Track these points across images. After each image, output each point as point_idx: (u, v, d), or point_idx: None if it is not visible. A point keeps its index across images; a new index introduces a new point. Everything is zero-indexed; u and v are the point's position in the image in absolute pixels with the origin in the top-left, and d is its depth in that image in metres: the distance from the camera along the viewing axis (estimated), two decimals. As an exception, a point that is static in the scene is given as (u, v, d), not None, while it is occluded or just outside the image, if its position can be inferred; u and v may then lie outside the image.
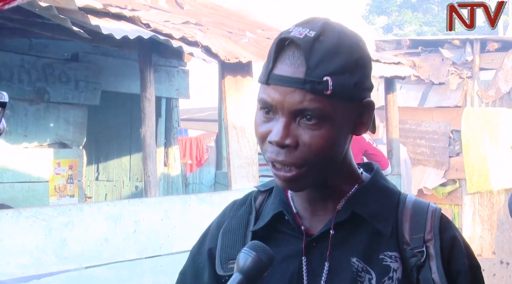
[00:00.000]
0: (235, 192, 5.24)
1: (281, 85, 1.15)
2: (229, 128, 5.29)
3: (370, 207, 1.23)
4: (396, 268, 1.18)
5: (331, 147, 1.17)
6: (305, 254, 1.23)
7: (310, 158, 1.16)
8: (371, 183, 1.27)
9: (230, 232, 1.32)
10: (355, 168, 1.28)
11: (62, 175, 6.40)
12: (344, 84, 1.15)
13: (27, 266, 3.99)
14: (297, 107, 1.14)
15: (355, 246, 1.21)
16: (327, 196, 1.25)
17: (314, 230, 1.24)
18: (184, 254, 5.31)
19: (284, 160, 1.16)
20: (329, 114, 1.15)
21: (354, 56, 1.17)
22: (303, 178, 1.18)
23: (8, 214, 3.97)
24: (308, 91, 1.13)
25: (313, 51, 1.14)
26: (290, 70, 1.15)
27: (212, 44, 4.95)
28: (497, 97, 9.70)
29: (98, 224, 4.36)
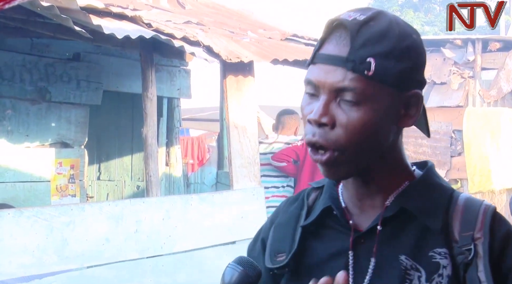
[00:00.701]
0: (236, 192, 5.24)
1: (325, 64, 1.15)
2: (231, 128, 5.29)
3: (420, 203, 1.20)
4: (446, 265, 1.16)
5: (369, 131, 1.15)
6: (353, 250, 1.21)
7: (344, 140, 1.14)
8: (422, 180, 1.24)
9: (281, 226, 1.33)
10: (406, 164, 1.26)
11: (63, 175, 6.41)
12: (388, 68, 1.14)
13: (29, 266, 3.99)
14: (337, 86, 1.14)
15: (404, 242, 1.19)
16: (375, 192, 1.23)
17: (363, 226, 1.23)
18: (186, 254, 5.31)
19: (317, 140, 1.16)
20: (369, 96, 1.13)
21: (402, 44, 1.15)
22: (338, 163, 1.17)
23: (9, 214, 3.98)
24: (349, 70, 1.13)
25: (360, 33, 1.13)
26: (335, 50, 1.15)
27: (214, 44, 4.95)
28: (498, 97, 9.70)
29: (99, 223, 4.37)
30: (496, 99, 9.72)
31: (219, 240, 5.05)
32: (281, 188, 6.00)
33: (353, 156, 1.16)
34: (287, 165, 5.86)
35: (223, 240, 5.08)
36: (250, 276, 1.16)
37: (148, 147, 4.91)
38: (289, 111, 6.29)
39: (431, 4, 23.48)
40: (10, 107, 5.98)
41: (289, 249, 1.28)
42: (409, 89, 1.17)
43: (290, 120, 6.16)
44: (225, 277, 1.16)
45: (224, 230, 5.07)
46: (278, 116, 6.25)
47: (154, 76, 5.00)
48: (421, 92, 1.19)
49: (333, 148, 1.15)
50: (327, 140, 1.15)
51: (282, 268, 1.27)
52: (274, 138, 6.10)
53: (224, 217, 5.07)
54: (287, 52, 5.51)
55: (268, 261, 1.29)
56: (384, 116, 1.16)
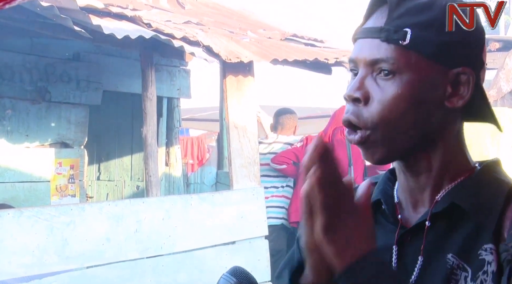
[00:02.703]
0: (236, 192, 5.24)
1: (362, 37, 1.10)
2: (231, 128, 5.29)
3: (473, 199, 1.10)
4: (491, 261, 1.06)
5: (404, 106, 1.06)
6: (398, 246, 1.14)
7: (377, 117, 1.06)
8: (479, 175, 1.14)
9: None
10: (466, 158, 1.17)
11: (63, 175, 6.41)
12: (428, 39, 1.06)
13: (29, 266, 3.99)
14: (371, 58, 1.07)
15: (453, 240, 1.09)
16: (426, 185, 1.14)
17: (413, 221, 1.15)
18: (186, 254, 5.31)
19: (349, 117, 1.08)
20: (405, 68, 1.06)
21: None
22: (372, 144, 1.08)
23: (9, 214, 3.98)
24: (383, 40, 1.06)
25: (401, 5, 1.07)
26: (372, 23, 1.10)
27: (214, 44, 4.96)
28: (498, 97, 9.69)
29: (99, 223, 4.37)
30: (495, 99, 9.72)
31: (219, 240, 5.05)
32: (280, 188, 6.00)
33: (389, 135, 1.08)
34: (287, 167, 5.86)
35: (223, 240, 5.08)
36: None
37: (148, 146, 4.91)
38: (287, 111, 6.28)
39: (430, 4, 23.50)
40: (10, 107, 5.98)
41: None
42: (457, 65, 1.08)
43: (289, 120, 6.15)
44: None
45: (224, 230, 5.07)
46: (276, 116, 6.23)
47: (154, 76, 5.00)
48: (472, 70, 1.09)
49: (364, 126, 1.08)
50: (359, 118, 1.08)
51: None
52: (273, 139, 6.10)
53: (224, 217, 5.07)
54: (287, 52, 5.51)
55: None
56: (424, 91, 1.07)
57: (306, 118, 10.34)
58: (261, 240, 5.33)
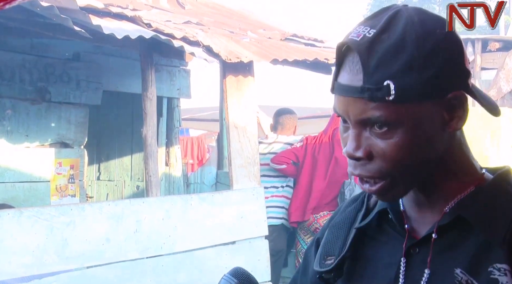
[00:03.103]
0: (236, 192, 5.24)
1: (343, 95, 1.07)
2: (231, 128, 5.29)
3: (482, 212, 1.08)
4: (505, 282, 1.02)
5: (410, 152, 1.05)
6: (405, 257, 1.12)
7: (387, 168, 1.06)
8: (490, 186, 1.12)
9: (335, 227, 1.25)
10: (472, 166, 1.15)
11: (63, 175, 6.41)
12: (411, 84, 1.02)
13: (29, 266, 3.99)
14: (360, 118, 1.05)
15: (461, 254, 1.07)
16: (435, 197, 1.13)
17: (420, 232, 1.13)
18: (186, 254, 5.30)
19: (360, 173, 1.08)
20: (399, 120, 1.04)
21: (424, 49, 1.02)
22: (391, 189, 1.09)
23: (9, 214, 3.97)
24: (367, 100, 1.03)
25: (371, 54, 1.03)
26: (349, 78, 1.05)
27: (214, 44, 4.96)
28: (498, 97, 9.70)
29: (99, 223, 4.37)
30: (495, 99, 9.72)
31: (219, 240, 5.05)
32: (280, 188, 6.00)
33: (404, 178, 1.08)
34: (287, 167, 5.86)
35: (223, 240, 5.08)
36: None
37: (148, 146, 4.91)
38: (287, 111, 6.27)
39: (431, 4, 23.48)
40: (10, 107, 5.98)
41: (339, 252, 1.20)
42: (447, 92, 1.06)
43: (289, 120, 6.15)
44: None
45: (224, 230, 5.07)
46: (276, 117, 6.23)
47: (154, 76, 5.00)
48: (462, 92, 1.08)
49: (381, 176, 1.07)
50: (370, 171, 1.07)
51: (329, 272, 1.19)
52: (273, 139, 6.10)
53: (224, 217, 5.07)
54: (287, 52, 5.51)
55: (316, 264, 1.22)
56: (423, 131, 1.05)
57: (306, 118, 10.34)
58: (261, 240, 5.33)
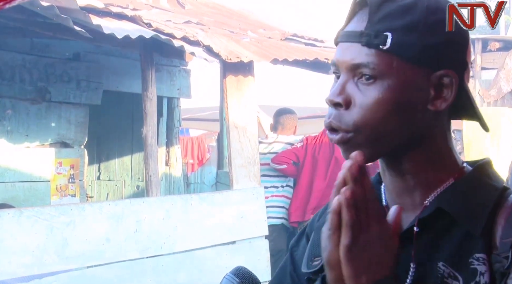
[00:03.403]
0: (236, 192, 5.24)
1: (343, 41, 1.09)
2: (231, 128, 5.29)
3: (462, 204, 1.08)
4: (484, 272, 1.03)
5: (387, 110, 1.05)
6: None
7: (358, 121, 1.06)
8: (468, 178, 1.11)
9: (320, 229, 1.20)
10: (452, 158, 1.13)
11: (63, 175, 6.41)
12: (409, 42, 1.04)
13: (29, 266, 3.99)
14: (352, 63, 1.06)
15: (443, 247, 1.07)
16: (414, 187, 1.11)
17: (403, 227, 1.10)
18: (186, 254, 5.29)
19: (331, 121, 1.08)
20: (386, 72, 1.04)
21: (431, 18, 1.05)
22: (354, 144, 1.07)
23: (9, 214, 3.98)
24: (364, 45, 1.05)
25: (381, 8, 1.05)
26: (353, 27, 1.08)
27: (214, 44, 4.96)
28: (498, 96, 9.70)
29: (99, 223, 4.37)
30: (496, 99, 9.73)
31: (219, 240, 5.05)
32: (280, 188, 6.00)
33: (371, 138, 1.07)
34: (287, 167, 5.87)
35: (223, 240, 5.08)
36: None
37: (148, 146, 4.91)
38: (287, 111, 6.28)
39: (431, 4, 23.52)
40: (10, 107, 5.98)
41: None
42: (439, 68, 1.06)
43: (289, 120, 6.15)
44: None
45: (224, 230, 5.07)
46: (276, 116, 6.23)
47: (154, 76, 5.00)
48: (455, 73, 1.07)
49: (346, 129, 1.07)
50: (341, 121, 1.07)
51: (316, 273, 1.17)
52: (273, 138, 6.10)
53: (224, 217, 5.07)
54: (287, 52, 5.51)
55: (304, 266, 1.21)
56: (406, 95, 1.06)
57: (306, 118, 10.34)
58: (261, 240, 5.33)
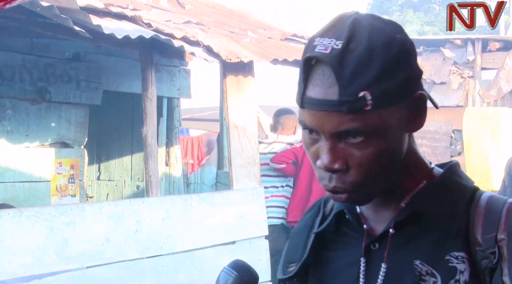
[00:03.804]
0: (236, 192, 5.24)
1: (316, 110, 1.05)
2: (231, 128, 5.29)
3: (435, 205, 1.13)
4: (463, 270, 1.08)
5: (385, 159, 1.08)
6: (366, 256, 1.16)
7: (363, 178, 1.07)
8: (441, 179, 1.16)
9: (295, 235, 1.29)
10: (423, 162, 1.19)
11: (63, 175, 6.41)
12: (386, 91, 1.04)
13: (29, 266, 3.99)
14: (338, 130, 1.05)
15: (420, 247, 1.11)
16: (390, 195, 1.16)
17: (378, 230, 1.16)
18: (186, 254, 5.30)
19: (336, 185, 1.09)
20: (375, 128, 1.05)
21: (392, 53, 1.04)
22: (363, 196, 1.11)
23: (9, 214, 3.97)
24: (346, 112, 1.03)
25: (343, 65, 1.02)
26: (323, 92, 1.04)
27: (214, 44, 4.95)
28: (498, 97, 9.70)
29: (99, 223, 4.37)
30: (495, 99, 9.73)
31: (219, 240, 5.05)
32: (280, 188, 6.00)
33: (377, 185, 1.10)
34: (286, 167, 5.87)
35: (223, 240, 5.08)
36: (245, 281, 1.12)
37: (148, 146, 4.91)
38: (287, 111, 6.27)
39: (431, 4, 23.47)
40: (10, 107, 5.98)
41: (300, 258, 1.22)
42: (412, 94, 1.10)
43: (289, 120, 6.15)
44: (219, 282, 1.12)
45: (224, 230, 5.07)
46: (275, 117, 6.23)
47: (154, 76, 5.00)
48: (424, 91, 1.11)
49: (352, 188, 1.09)
50: (345, 184, 1.08)
51: (291, 278, 1.21)
52: (273, 139, 6.10)
53: (224, 217, 5.07)
54: (287, 52, 5.51)
55: (279, 272, 1.24)
56: (395, 134, 1.08)
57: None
58: (261, 240, 5.33)
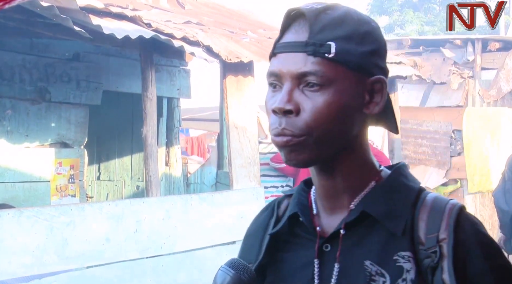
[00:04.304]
0: (236, 192, 5.24)
1: (285, 52, 1.14)
2: (231, 128, 5.29)
3: (383, 205, 1.16)
4: (409, 269, 1.11)
5: (334, 114, 1.11)
6: (319, 257, 1.17)
7: (310, 124, 1.11)
8: (388, 181, 1.19)
9: (249, 236, 1.30)
10: (372, 162, 1.21)
11: (63, 175, 6.41)
12: (349, 50, 1.11)
13: (29, 266, 3.99)
14: (299, 71, 1.11)
15: (369, 247, 1.14)
16: (341, 191, 1.18)
17: (330, 232, 1.18)
18: (186, 254, 5.30)
19: (285, 127, 1.12)
20: (332, 79, 1.11)
21: (361, 28, 1.14)
22: (301, 148, 1.12)
23: (9, 214, 3.98)
24: (310, 54, 1.11)
25: (318, 19, 1.12)
26: (294, 37, 1.13)
27: (214, 44, 4.95)
28: (498, 97, 9.70)
29: (99, 223, 4.37)
30: (495, 99, 9.73)
31: (219, 240, 5.05)
32: (280, 188, 6.00)
33: (320, 140, 1.12)
34: (286, 166, 5.87)
35: (223, 240, 5.08)
36: (243, 280, 1.12)
37: (148, 147, 4.91)
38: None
39: (431, 4, 23.46)
40: (10, 107, 5.98)
41: (255, 259, 1.23)
42: (372, 75, 1.15)
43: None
44: (217, 281, 1.12)
45: (224, 230, 5.07)
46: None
47: (154, 76, 5.00)
48: (384, 79, 1.16)
49: (299, 133, 1.11)
50: (293, 127, 1.11)
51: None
52: (274, 138, 6.10)
53: (224, 217, 5.07)
54: (287, 52, 5.50)
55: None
56: (349, 100, 1.13)
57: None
58: (261, 240, 5.33)
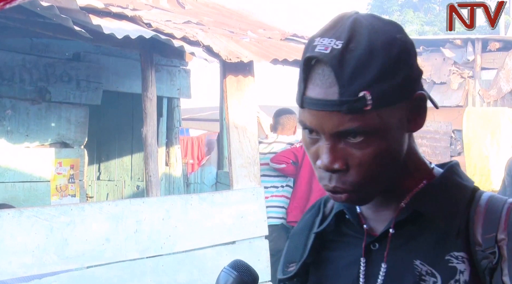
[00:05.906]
0: (236, 192, 5.24)
1: (316, 109, 1.06)
2: (231, 128, 5.29)
3: (436, 204, 1.13)
4: (463, 270, 1.07)
5: (385, 159, 1.08)
6: (366, 256, 1.16)
7: (363, 178, 1.08)
8: (441, 179, 1.16)
9: (295, 236, 1.29)
10: (423, 162, 1.19)
11: (63, 175, 6.41)
12: (386, 91, 1.04)
13: (29, 266, 3.99)
14: (338, 130, 1.05)
15: (419, 247, 1.12)
16: (389, 194, 1.16)
17: (378, 230, 1.17)
18: (186, 254, 5.31)
19: (336, 186, 1.09)
20: (375, 128, 1.05)
21: (392, 53, 1.04)
22: (362, 196, 1.11)
23: (9, 214, 3.97)
24: (345, 112, 1.03)
25: (343, 65, 1.02)
26: (323, 92, 1.04)
27: (214, 44, 4.95)
28: (498, 96, 9.71)
29: (99, 223, 4.37)
30: (495, 99, 9.73)
31: (219, 240, 5.05)
32: (280, 188, 6.00)
33: (375, 185, 1.10)
34: (286, 167, 5.87)
35: (223, 240, 5.08)
36: (245, 281, 1.12)
37: (148, 146, 4.91)
38: (287, 111, 6.28)
39: (431, 4, 23.48)
40: (10, 107, 5.98)
41: (300, 258, 1.22)
42: (413, 94, 1.10)
43: (289, 120, 6.15)
44: (219, 282, 1.12)
45: (224, 230, 5.07)
46: (275, 117, 6.24)
47: (154, 76, 4.99)
48: (424, 91, 1.11)
49: (352, 188, 1.09)
50: (345, 184, 1.08)
51: (291, 278, 1.21)
52: (273, 139, 6.10)
53: (224, 217, 5.07)
54: (287, 52, 5.51)
55: (279, 272, 1.24)
56: (395, 134, 1.08)
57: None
58: (261, 240, 5.33)
